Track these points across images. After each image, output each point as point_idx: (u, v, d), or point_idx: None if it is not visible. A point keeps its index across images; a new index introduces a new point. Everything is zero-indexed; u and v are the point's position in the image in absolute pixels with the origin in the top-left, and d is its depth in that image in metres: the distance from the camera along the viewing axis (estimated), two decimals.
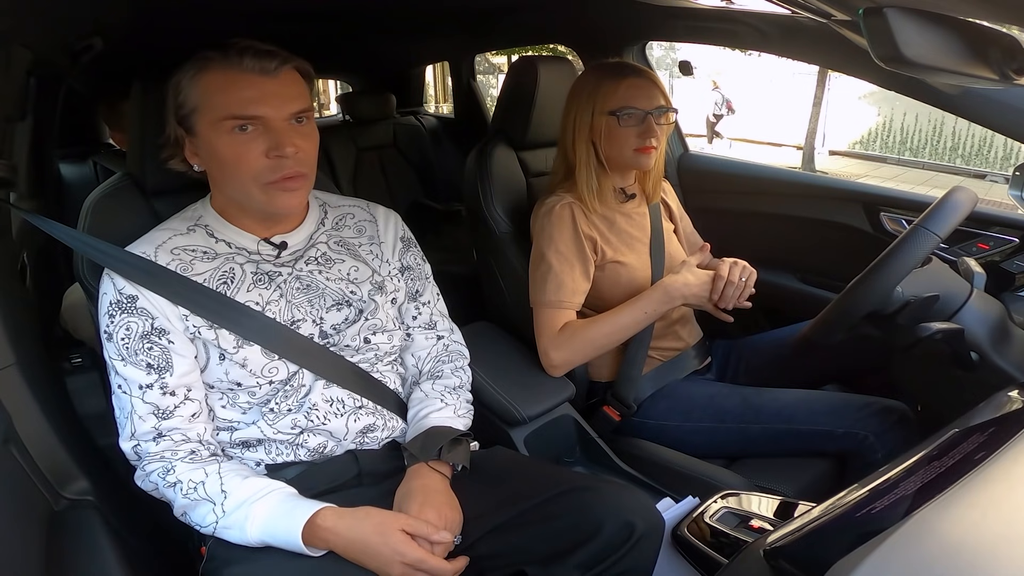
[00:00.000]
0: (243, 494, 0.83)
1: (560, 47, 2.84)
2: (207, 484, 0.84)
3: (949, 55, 0.60)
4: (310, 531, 0.81)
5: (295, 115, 0.87)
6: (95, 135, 2.54)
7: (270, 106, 0.84)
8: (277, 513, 0.82)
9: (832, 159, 10.34)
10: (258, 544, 0.82)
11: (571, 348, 1.29)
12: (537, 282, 1.31)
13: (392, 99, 2.96)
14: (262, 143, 0.85)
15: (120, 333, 0.86)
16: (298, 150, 0.86)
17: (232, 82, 0.84)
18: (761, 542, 0.61)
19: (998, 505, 0.54)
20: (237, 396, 0.91)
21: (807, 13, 0.88)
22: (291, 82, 0.88)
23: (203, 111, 0.85)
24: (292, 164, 0.86)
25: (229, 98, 0.84)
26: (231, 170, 0.86)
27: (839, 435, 1.19)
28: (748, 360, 1.48)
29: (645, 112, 1.28)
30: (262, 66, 0.84)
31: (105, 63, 1.56)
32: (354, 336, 0.96)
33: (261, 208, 0.90)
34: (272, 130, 0.85)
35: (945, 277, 1.08)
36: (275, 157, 0.85)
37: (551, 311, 1.30)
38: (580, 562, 0.88)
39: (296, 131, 0.87)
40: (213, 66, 0.85)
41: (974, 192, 1.07)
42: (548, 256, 1.29)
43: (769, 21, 1.44)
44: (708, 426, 1.29)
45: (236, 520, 0.82)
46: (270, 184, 0.86)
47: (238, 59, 0.84)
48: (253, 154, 0.85)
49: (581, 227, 1.30)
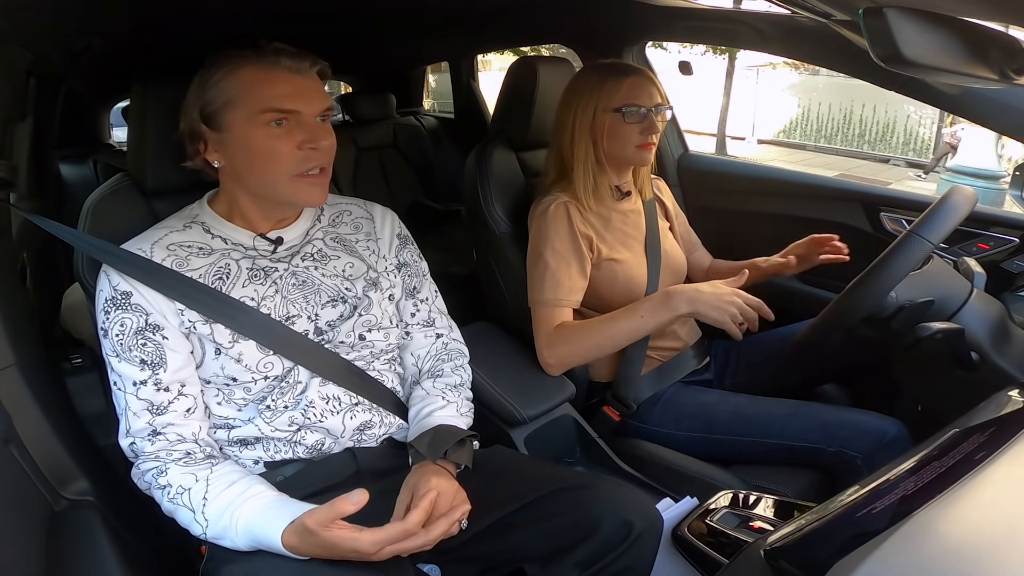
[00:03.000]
0: (223, 502, 0.83)
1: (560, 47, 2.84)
2: (192, 492, 0.84)
3: (949, 55, 0.60)
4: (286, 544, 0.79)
5: (322, 112, 0.91)
6: (95, 135, 2.54)
7: (304, 102, 0.89)
8: (256, 524, 0.81)
9: (760, 147, 10.92)
10: (251, 548, 0.82)
11: (567, 348, 1.29)
12: (535, 281, 1.31)
13: (392, 99, 2.96)
14: (296, 136, 0.88)
15: (115, 329, 0.87)
16: (328, 144, 0.91)
17: (270, 78, 0.88)
18: (761, 542, 0.61)
19: (998, 505, 0.54)
20: (233, 392, 0.91)
21: (807, 13, 0.88)
22: (318, 82, 0.93)
23: (238, 105, 0.88)
24: (322, 157, 0.90)
25: (267, 92, 0.87)
26: (262, 162, 0.89)
27: (829, 452, 1.19)
28: (747, 360, 1.48)
29: (647, 109, 1.30)
30: (297, 65, 0.89)
31: (105, 63, 1.56)
32: (348, 332, 0.97)
33: (284, 200, 0.94)
34: (305, 124, 0.89)
35: (945, 277, 1.08)
36: (308, 149, 0.89)
37: (548, 309, 1.30)
38: (579, 560, 0.89)
39: (323, 128, 0.91)
40: (249, 63, 0.88)
41: (974, 193, 1.07)
42: (545, 255, 1.30)
43: (769, 21, 1.45)
44: (699, 436, 1.30)
45: (222, 528, 0.82)
46: (299, 176, 0.89)
47: (275, 58, 0.88)
48: (287, 147, 0.88)
49: (577, 225, 1.30)
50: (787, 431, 1.23)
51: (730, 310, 1.16)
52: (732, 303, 1.16)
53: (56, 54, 1.34)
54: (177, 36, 1.47)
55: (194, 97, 0.90)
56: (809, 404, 1.30)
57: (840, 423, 1.21)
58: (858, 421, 1.21)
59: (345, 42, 2.21)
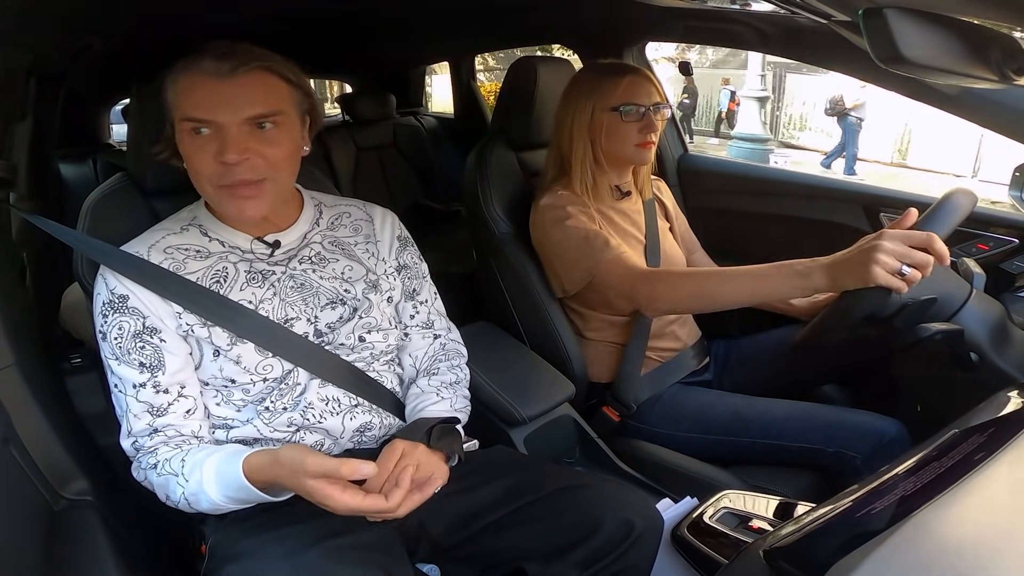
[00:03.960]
0: (196, 459, 0.84)
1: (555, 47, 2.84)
2: (172, 460, 0.85)
3: (949, 55, 0.60)
4: (250, 477, 0.80)
5: (253, 120, 0.84)
6: (95, 135, 2.54)
7: (222, 110, 0.82)
8: (221, 467, 0.82)
9: None
10: (227, 504, 0.82)
11: (666, 288, 1.16)
12: (582, 252, 1.25)
13: (392, 99, 2.96)
14: (213, 147, 0.83)
15: (113, 333, 0.87)
16: (249, 157, 0.83)
17: (190, 84, 0.84)
18: (761, 542, 0.61)
19: (998, 505, 0.54)
20: (231, 393, 0.91)
21: (807, 13, 0.88)
22: (253, 84, 0.84)
23: (172, 112, 0.87)
24: (242, 171, 0.83)
25: (186, 100, 0.84)
26: (191, 172, 0.87)
27: (829, 453, 1.19)
28: (747, 360, 1.48)
29: (646, 108, 1.30)
30: (217, 68, 0.82)
31: (105, 63, 1.56)
32: (348, 335, 0.96)
33: (223, 212, 0.90)
34: (223, 136, 0.82)
35: (945, 278, 1.08)
36: (220, 163, 0.83)
37: (616, 254, 1.21)
38: (579, 559, 0.89)
39: (255, 136, 0.84)
40: (178, 68, 0.85)
41: (973, 193, 1.07)
42: (572, 228, 1.26)
43: (769, 21, 1.45)
44: (698, 436, 1.29)
45: (196, 483, 0.82)
46: (223, 188, 0.85)
47: (199, 61, 0.83)
48: (204, 157, 0.84)
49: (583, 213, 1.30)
50: (787, 432, 1.23)
51: (878, 257, 0.89)
52: (875, 247, 0.90)
53: (56, 54, 1.35)
54: (177, 36, 1.47)
55: (165, 103, 0.89)
56: (809, 405, 1.30)
57: (840, 424, 1.21)
58: (858, 422, 1.21)
59: (345, 42, 2.21)
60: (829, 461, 1.19)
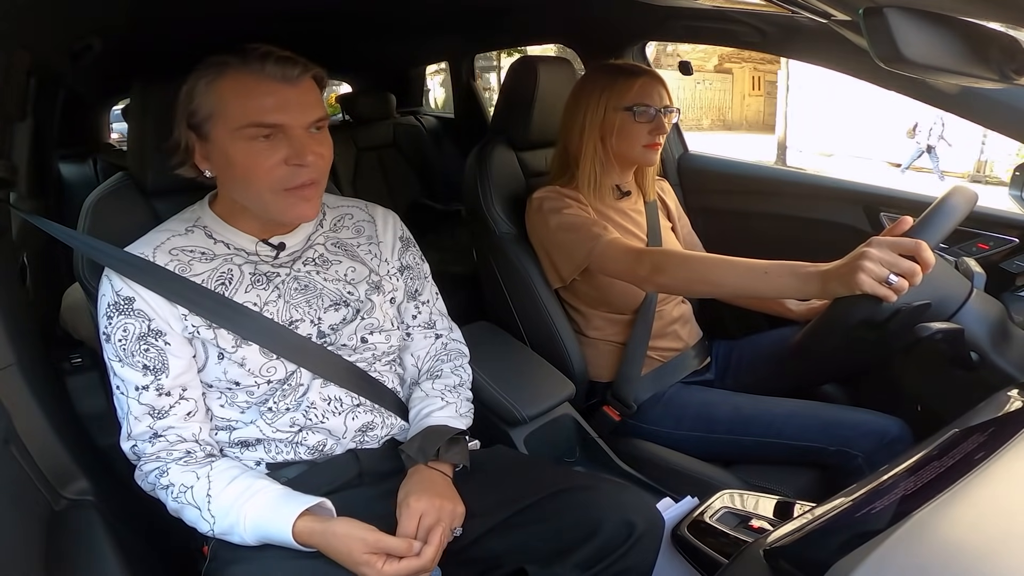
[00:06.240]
0: (228, 498, 0.84)
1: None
2: (195, 489, 0.85)
3: (949, 55, 0.60)
4: (297, 538, 0.82)
5: (314, 123, 0.86)
6: (95, 135, 2.54)
7: (291, 114, 0.83)
8: (265, 518, 0.82)
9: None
10: (259, 543, 0.83)
11: (668, 263, 1.14)
12: (579, 236, 1.25)
13: (392, 99, 2.96)
14: (282, 151, 0.83)
15: (117, 335, 0.86)
16: (317, 158, 0.85)
17: (253, 88, 0.82)
18: (761, 542, 0.61)
19: (998, 505, 0.54)
20: (235, 395, 0.91)
21: (807, 13, 0.88)
22: (310, 90, 0.86)
23: (221, 117, 0.84)
24: (310, 172, 0.85)
25: (250, 105, 0.82)
26: (246, 178, 0.85)
27: (831, 452, 1.19)
28: (748, 360, 1.48)
29: (656, 110, 1.31)
30: (284, 73, 0.82)
31: (105, 63, 1.56)
32: (351, 335, 0.96)
33: (275, 216, 0.90)
34: (292, 138, 0.83)
35: (945, 277, 1.07)
36: (294, 166, 0.84)
37: (614, 237, 1.22)
38: (580, 560, 0.89)
39: (314, 139, 0.86)
40: (231, 71, 0.83)
41: (973, 193, 1.07)
42: (568, 215, 1.28)
43: (769, 21, 1.44)
44: (699, 435, 1.29)
45: (229, 525, 0.83)
46: (288, 191, 0.85)
47: (259, 65, 0.82)
48: (272, 162, 0.83)
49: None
50: (788, 431, 1.23)
51: (864, 265, 0.89)
52: (863, 255, 0.90)
53: (56, 54, 1.34)
54: (177, 36, 1.47)
55: (181, 107, 0.87)
56: (810, 404, 1.30)
57: (841, 423, 1.21)
58: (859, 421, 1.21)
59: (345, 42, 2.21)
60: (831, 460, 1.19)
